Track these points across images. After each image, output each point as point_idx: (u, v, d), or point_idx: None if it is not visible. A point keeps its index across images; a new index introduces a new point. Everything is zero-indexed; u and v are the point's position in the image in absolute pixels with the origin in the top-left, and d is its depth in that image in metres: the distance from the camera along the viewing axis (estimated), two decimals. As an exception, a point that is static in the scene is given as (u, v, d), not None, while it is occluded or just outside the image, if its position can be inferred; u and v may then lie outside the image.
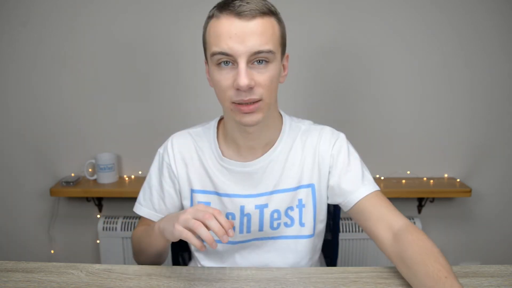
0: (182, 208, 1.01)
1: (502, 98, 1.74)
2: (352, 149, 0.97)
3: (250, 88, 0.79)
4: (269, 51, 0.79)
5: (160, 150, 1.01)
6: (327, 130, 0.98)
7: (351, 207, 0.92)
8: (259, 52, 0.78)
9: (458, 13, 1.67)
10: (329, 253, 1.21)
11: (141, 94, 1.77)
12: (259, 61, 0.80)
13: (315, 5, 1.67)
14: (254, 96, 0.80)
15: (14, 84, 1.76)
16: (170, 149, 0.99)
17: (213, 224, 0.73)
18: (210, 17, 0.83)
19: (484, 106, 1.75)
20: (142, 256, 0.97)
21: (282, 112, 0.99)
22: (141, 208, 1.01)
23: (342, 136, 0.98)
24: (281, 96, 0.94)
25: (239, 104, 0.81)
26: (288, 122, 0.98)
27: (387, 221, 0.86)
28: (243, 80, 0.77)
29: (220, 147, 0.96)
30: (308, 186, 0.95)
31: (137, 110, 1.78)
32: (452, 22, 1.68)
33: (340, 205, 0.96)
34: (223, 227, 0.73)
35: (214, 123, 1.00)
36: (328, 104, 1.76)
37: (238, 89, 0.79)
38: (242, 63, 0.78)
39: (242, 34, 0.77)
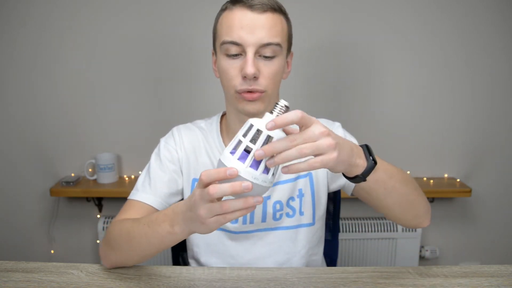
0: (181, 192, 0.98)
1: (503, 98, 1.74)
2: (349, 134, 0.99)
3: (255, 78, 0.83)
4: (277, 44, 0.83)
5: (163, 138, 1.02)
6: (323, 120, 1.00)
7: (353, 187, 0.93)
8: (268, 44, 0.82)
9: (459, 13, 1.67)
10: (329, 253, 1.21)
11: (141, 94, 1.77)
12: (265, 57, 0.84)
13: (316, 3, 1.67)
14: (258, 87, 0.84)
15: (14, 84, 1.76)
16: (177, 136, 1.00)
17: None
18: (222, 10, 0.87)
19: (484, 106, 1.75)
20: (129, 254, 0.83)
21: None
22: (138, 193, 0.93)
23: (337, 124, 1.01)
24: (281, 95, 0.95)
25: (246, 92, 0.85)
26: None
27: None
28: (250, 69, 0.81)
29: (223, 141, 0.98)
30: (306, 175, 0.97)
31: (137, 110, 1.78)
32: (453, 22, 1.68)
33: (344, 189, 0.97)
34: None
35: (216, 118, 1.02)
36: (328, 103, 1.76)
37: (244, 78, 0.83)
38: (250, 53, 0.82)
39: (253, 25, 0.81)
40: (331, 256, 1.21)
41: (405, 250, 1.79)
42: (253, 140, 0.60)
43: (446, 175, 1.82)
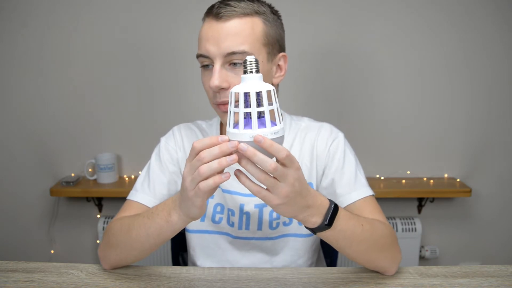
0: None
1: (502, 98, 1.74)
2: (348, 150, 0.95)
3: (222, 89, 0.81)
4: (243, 52, 0.79)
5: (163, 138, 1.00)
6: (326, 128, 0.97)
7: None
8: (233, 53, 0.79)
9: (459, 14, 1.67)
10: (329, 253, 1.21)
11: (141, 94, 1.77)
12: (235, 64, 0.80)
13: (316, 5, 1.68)
14: (227, 98, 0.81)
15: (14, 84, 1.76)
16: (178, 136, 0.99)
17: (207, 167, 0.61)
18: (202, 21, 0.86)
19: (484, 106, 1.75)
20: (128, 249, 0.82)
21: (282, 112, 0.99)
22: (137, 194, 0.92)
23: (340, 135, 0.96)
24: (281, 96, 0.94)
25: (219, 104, 0.83)
26: (289, 121, 0.98)
27: None
28: (214, 81, 0.79)
29: None
30: None
31: (137, 110, 1.78)
32: (453, 23, 1.68)
33: None
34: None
35: (217, 120, 1.01)
36: (328, 104, 1.76)
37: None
38: (217, 64, 0.80)
39: (217, 35, 0.79)
40: (331, 256, 1.21)
41: (405, 250, 1.78)
42: (247, 104, 0.60)
43: (446, 175, 1.82)
